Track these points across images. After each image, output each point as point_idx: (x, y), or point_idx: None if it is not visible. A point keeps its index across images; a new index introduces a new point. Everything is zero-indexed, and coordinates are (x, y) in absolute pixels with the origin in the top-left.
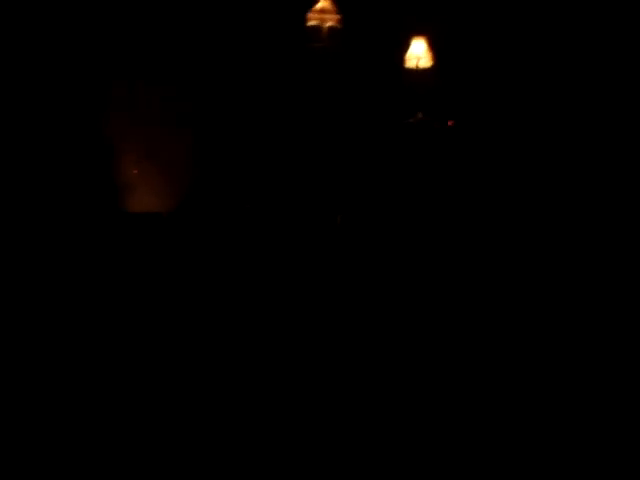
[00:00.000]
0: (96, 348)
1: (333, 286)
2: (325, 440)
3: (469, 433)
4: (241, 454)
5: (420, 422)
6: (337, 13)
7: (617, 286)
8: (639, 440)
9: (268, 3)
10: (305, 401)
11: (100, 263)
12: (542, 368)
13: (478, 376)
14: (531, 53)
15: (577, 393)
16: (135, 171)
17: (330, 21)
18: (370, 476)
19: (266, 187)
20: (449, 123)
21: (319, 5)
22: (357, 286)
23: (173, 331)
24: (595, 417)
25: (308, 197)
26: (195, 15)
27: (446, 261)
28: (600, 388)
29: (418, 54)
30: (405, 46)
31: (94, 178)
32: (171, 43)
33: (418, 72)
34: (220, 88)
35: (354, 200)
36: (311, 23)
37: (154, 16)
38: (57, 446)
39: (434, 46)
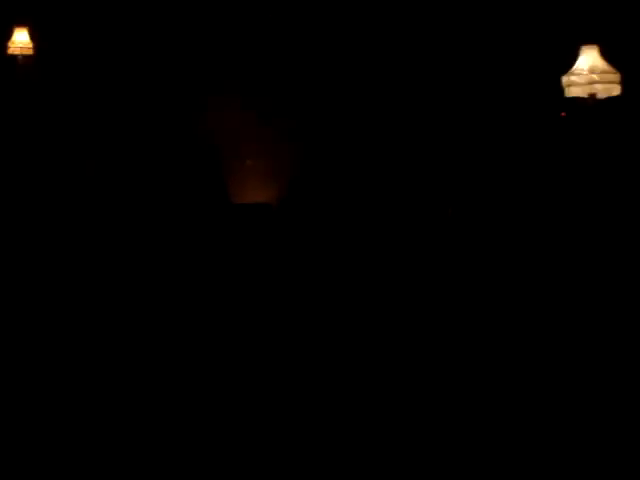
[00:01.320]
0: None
1: (443, 281)
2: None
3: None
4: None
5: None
6: None
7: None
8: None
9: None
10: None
11: (211, 250)
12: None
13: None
14: None
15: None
16: (249, 162)
17: None
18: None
19: (375, 179)
20: (562, 114)
21: None
22: (467, 281)
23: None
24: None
25: (418, 188)
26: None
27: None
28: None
29: None
30: None
31: (208, 175)
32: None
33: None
34: (325, 84)
35: (466, 191)
36: None
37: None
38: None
39: None
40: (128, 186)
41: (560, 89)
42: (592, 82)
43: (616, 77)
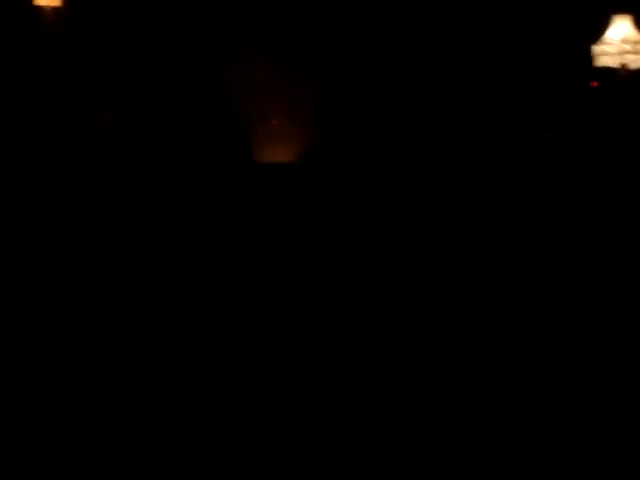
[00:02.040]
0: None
1: (466, 250)
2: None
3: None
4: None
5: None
6: None
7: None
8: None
9: None
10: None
11: (234, 209)
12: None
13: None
14: None
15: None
16: (275, 122)
17: None
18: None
19: (398, 140)
20: (593, 84)
21: None
22: (491, 254)
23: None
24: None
25: (443, 151)
26: None
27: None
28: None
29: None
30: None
31: (231, 134)
32: None
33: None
34: (354, 44)
35: (493, 155)
36: None
37: None
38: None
39: None
40: (151, 146)
41: (590, 58)
42: (624, 52)
43: None
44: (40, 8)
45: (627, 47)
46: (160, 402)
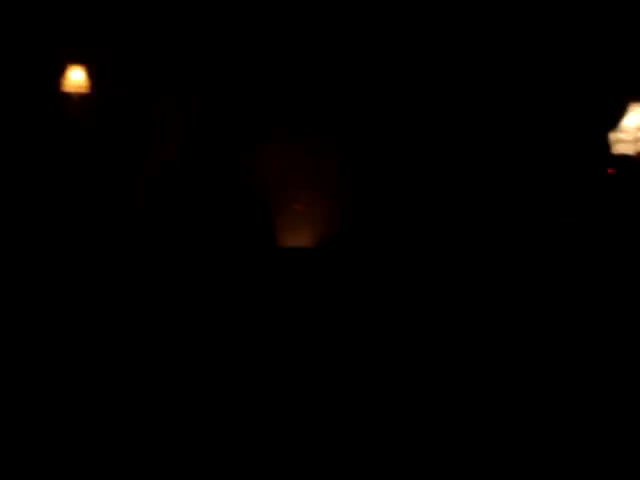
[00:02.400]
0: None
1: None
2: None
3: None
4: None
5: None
6: None
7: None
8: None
9: None
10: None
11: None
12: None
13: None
14: None
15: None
16: (298, 207)
17: None
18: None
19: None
20: (610, 171)
21: None
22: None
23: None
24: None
25: (457, 234)
26: None
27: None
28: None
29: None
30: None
31: (255, 219)
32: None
33: None
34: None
35: (511, 240)
36: None
37: None
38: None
39: None
40: (177, 228)
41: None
42: None
43: None
44: (68, 95)
45: None
46: None
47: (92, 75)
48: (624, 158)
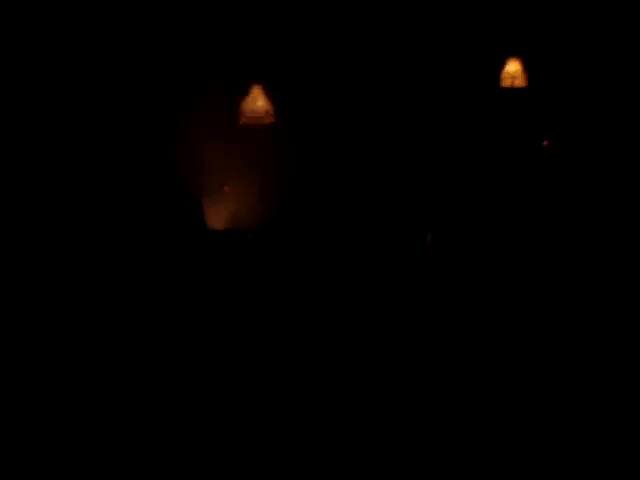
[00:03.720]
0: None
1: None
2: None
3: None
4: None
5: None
6: None
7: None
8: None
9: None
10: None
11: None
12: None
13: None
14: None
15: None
16: (227, 189)
17: None
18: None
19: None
20: (544, 143)
21: None
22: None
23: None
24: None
25: (396, 211)
26: None
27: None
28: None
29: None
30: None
31: (182, 196)
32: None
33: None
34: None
35: (449, 215)
36: None
37: None
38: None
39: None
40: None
41: None
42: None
43: None
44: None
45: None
46: None
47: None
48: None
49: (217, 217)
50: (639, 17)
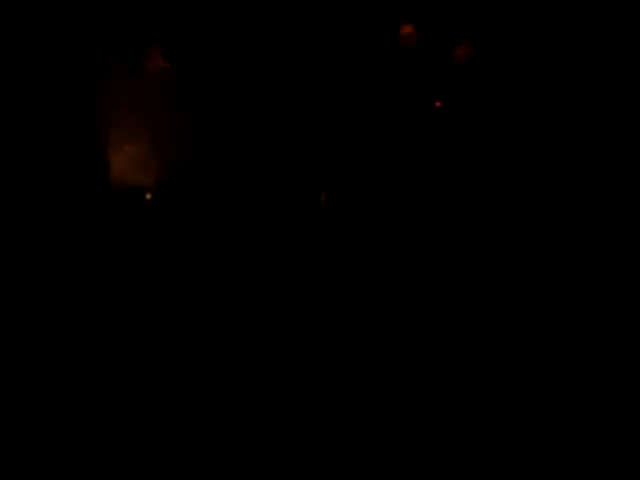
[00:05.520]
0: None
1: (317, 277)
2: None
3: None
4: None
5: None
6: None
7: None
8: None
9: None
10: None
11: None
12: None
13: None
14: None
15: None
16: (126, 148)
17: None
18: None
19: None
20: (436, 104)
21: None
22: (343, 278)
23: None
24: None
25: (290, 173)
26: None
27: (439, 254)
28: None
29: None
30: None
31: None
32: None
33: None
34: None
35: (342, 176)
36: None
37: None
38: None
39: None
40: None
41: None
42: None
43: None
44: None
45: None
46: None
47: None
48: None
49: (119, 175)
50: None
